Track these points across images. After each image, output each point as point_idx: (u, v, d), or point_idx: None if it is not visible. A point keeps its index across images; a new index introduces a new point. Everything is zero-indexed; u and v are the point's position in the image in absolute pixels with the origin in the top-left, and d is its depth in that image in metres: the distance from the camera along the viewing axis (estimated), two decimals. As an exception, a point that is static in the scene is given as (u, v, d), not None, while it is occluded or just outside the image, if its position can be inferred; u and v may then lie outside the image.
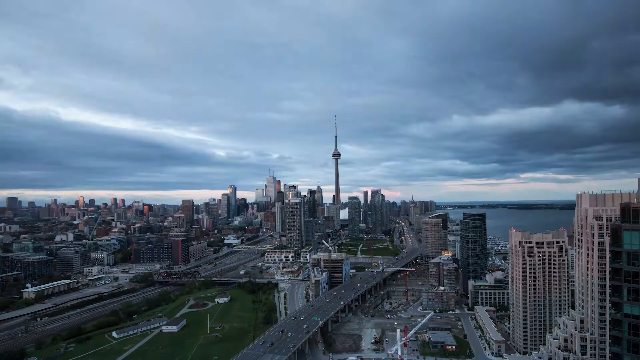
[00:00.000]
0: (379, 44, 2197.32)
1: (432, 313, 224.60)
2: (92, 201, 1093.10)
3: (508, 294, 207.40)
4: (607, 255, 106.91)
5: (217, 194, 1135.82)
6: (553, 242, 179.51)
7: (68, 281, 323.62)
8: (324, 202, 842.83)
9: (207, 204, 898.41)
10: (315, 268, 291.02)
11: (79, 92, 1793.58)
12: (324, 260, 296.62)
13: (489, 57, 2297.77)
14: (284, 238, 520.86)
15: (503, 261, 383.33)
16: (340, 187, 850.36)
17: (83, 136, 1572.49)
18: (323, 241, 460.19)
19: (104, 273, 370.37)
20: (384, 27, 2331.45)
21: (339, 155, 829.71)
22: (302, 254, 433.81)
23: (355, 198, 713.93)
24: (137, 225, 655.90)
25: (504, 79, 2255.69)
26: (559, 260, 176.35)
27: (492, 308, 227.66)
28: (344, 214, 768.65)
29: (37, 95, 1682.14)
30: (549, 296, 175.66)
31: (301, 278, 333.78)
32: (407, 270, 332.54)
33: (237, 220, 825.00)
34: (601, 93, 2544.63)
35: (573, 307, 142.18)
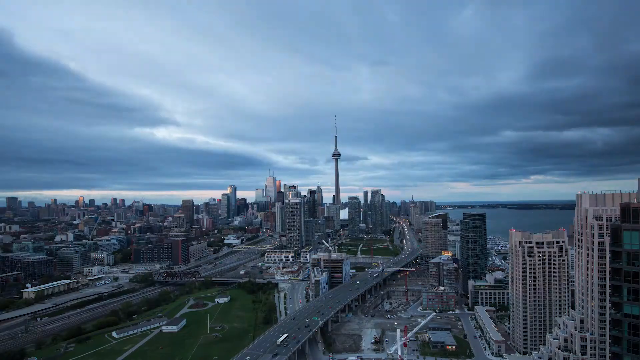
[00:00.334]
0: (432, 112, 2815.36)
1: (434, 314, 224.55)
2: (92, 201, 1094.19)
3: (508, 294, 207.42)
4: (607, 255, 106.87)
5: (217, 194, 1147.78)
6: (553, 242, 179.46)
7: (68, 281, 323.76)
8: (324, 202, 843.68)
9: (207, 204, 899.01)
10: (315, 268, 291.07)
11: (223, 130, 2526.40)
12: (324, 260, 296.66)
13: (513, 114, 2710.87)
14: (284, 238, 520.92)
15: (503, 261, 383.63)
16: (353, 187, 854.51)
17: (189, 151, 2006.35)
18: (323, 241, 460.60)
19: (104, 273, 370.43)
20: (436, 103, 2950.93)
21: (339, 155, 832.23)
22: (302, 254, 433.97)
23: (355, 198, 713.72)
24: (137, 225, 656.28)
25: (522, 119, 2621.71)
26: (559, 260, 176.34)
27: (492, 308, 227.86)
28: (344, 214, 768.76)
29: (194, 130, 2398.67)
30: (549, 296, 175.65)
31: (301, 278, 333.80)
32: (407, 270, 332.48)
33: (237, 220, 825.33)
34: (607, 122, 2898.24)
35: (573, 307, 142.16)
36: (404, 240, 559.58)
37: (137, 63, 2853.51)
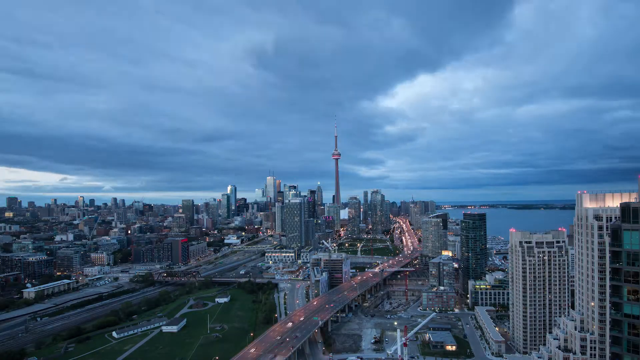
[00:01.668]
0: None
1: (434, 314, 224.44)
2: (92, 201, 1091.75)
3: (508, 294, 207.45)
4: (607, 255, 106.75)
5: (217, 195, 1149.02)
6: (553, 242, 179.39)
7: (68, 281, 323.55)
8: (324, 202, 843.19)
9: (207, 204, 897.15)
10: (315, 268, 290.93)
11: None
12: (324, 260, 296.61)
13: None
14: (284, 238, 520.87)
15: (503, 261, 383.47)
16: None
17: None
18: (323, 241, 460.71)
19: (104, 273, 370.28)
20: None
21: (339, 155, 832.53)
22: (302, 254, 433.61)
23: (355, 198, 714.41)
24: (137, 225, 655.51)
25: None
26: (559, 260, 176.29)
27: (492, 308, 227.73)
28: (344, 213, 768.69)
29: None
30: (549, 296, 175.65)
31: (301, 278, 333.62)
32: (407, 270, 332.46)
33: (237, 220, 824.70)
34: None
35: (573, 307, 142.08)
36: (404, 240, 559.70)
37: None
